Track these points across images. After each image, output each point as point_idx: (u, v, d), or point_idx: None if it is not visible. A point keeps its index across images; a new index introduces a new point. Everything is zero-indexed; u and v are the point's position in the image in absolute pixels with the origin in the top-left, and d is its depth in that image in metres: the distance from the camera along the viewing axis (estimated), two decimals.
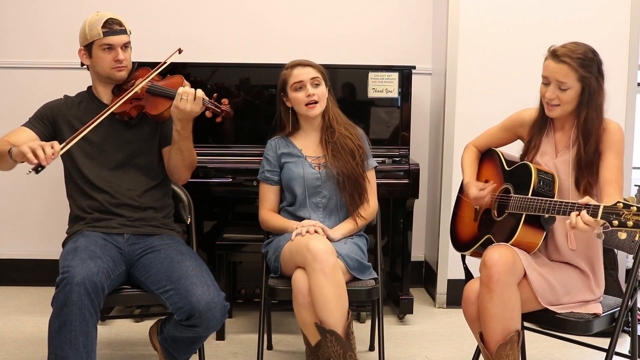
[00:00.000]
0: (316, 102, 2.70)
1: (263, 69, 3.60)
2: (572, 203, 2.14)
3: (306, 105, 2.69)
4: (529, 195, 2.31)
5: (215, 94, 2.54)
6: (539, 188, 2.33)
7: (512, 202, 2.36)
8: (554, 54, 2.34)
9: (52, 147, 2.25)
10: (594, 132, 2.34)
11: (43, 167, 2.25)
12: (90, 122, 2.45)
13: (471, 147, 2.70)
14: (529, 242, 2.33)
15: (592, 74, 2.32)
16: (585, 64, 2.32)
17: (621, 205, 2.00)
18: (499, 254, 2.25)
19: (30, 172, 2.26)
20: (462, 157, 2.69)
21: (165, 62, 2.61)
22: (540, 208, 2.24)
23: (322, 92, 2.72)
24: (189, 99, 2.44)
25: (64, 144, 2.38)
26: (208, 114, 2.51)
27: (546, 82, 2.37)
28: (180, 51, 2.61)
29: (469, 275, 2.64)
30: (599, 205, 2.05)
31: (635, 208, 1.97)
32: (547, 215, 2.24)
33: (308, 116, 2.73)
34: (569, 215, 2.12)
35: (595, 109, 2.34)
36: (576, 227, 2.08)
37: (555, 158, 2.43)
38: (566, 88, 2.32)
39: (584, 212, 2.07)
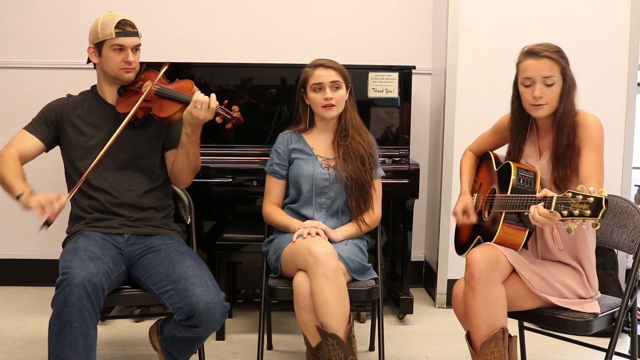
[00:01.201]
0: (333, 105, 2.70)
1: (263, 69, 3.60)
2: (532, 197, 2.17)
3: (323, 107, 2.70)
4: (508, 193, 2.33)
5: (226, 101, 2.56)
6: (518, 185, 2.35)
7: (495, 202, 2.39)
8: (531, 53, 2.35)
9: (59, 199, 2.28)
10: (568, 124, 2.34)
11: (52, 222, 2.30)
12: (105, 148, 2.47)
13: (468, 152, 2.74)
14: (512, 240, 2.35)
15: (568, 65, 2.35)
16: (562, 55, 2.35)
17: (570, 194, 2.00)
18: (480, 252, 2.28)
19: (40, 229, 2.30)
20: (460, 163, 2.73)
21: (163, 66, 2.61)
22: (512, 205, 2.26)
23: (340, 95, 2.71)
24: (203, 107, 2.45)
25: (70, 192, 2.44)
26: (218, 119, 2.53)
27: (529, 83, 2.36)
28: (168, 65, 2.64)
29: None
30: (553, 197, 2.06)
31: (580, 197, 1.98)
32: (525, 212, 2.25)
33: (324, 117, 2.74)
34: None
35: (570, 101, 2.35)
36: (534, 220, 2.10)
37: (539, 159, 2.44)
38: (552, 83, 2.33)
39: (540, 204, 2.09)
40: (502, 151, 2.66)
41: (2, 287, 3.97)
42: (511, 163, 2.41)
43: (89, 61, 2.63)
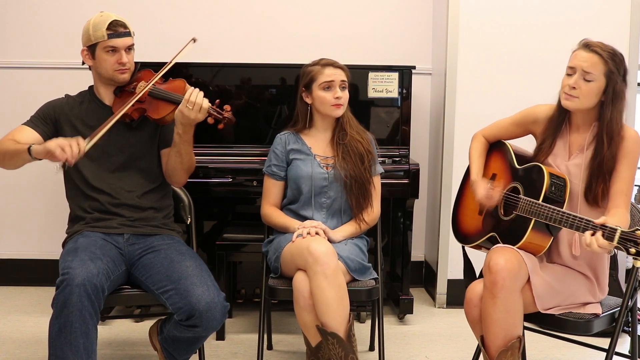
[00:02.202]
0: (341, 104, 2.71)
1: (263, 69, 3.60)
2: (587, 220, 2.11)
3: (332, 105, 2.70)
4: (540, 201, 2.27)
5: (217, 100, 2.54)
6: (550, 194, 2.29)
7: (522, 205, 2.32)
8: (585, 45, 2.31)
9: (78, 144, 2.28)
10: (616, 135, 2.30)
11: (70, 165, 2.29)
12: (101, 127, 2.44)
13: (480, 137, 2.64)
14: (536, 246, 2.31)
15: (619, 74, 2.29)
16: (615, 60, 2.29)
17: (639, 232, 1.97)
18: (505, 259, 2.22)
19: (58, 169, 2.29)
20: (470, 147, 2.64)
21: (175, 57, 2.60)
22: (552, 218, 2.20)
23: (347, 96, 2.73)
24: (194, 108, 2.44)
25: (87, 140, 2.38)
26: (210, 120, 2.52)
27: (571, 72, 2.31)
28: (194, 40, 2.61)
29: (468, 269, 2.63)
30: (616, 229, 2.01)
31: None
32: (562, 227, 2.21)
33: (329, 115, 2.73)
34: (582, 232, 2.10)
35: (620, 112, 2.31)
36: (590, 248, 2.06)
37: (568, 160, 2.40)
38: (590, 79, 2.27)
39: (599, 234, 2.04)
40: (515, 141, 2.62)
41: (2, 287, 3.97)
42: (543, 167, 2.34)
43: (83, 63, 2.63)
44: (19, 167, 2.47)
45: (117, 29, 2.52)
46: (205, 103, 2.45)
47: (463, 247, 2.64)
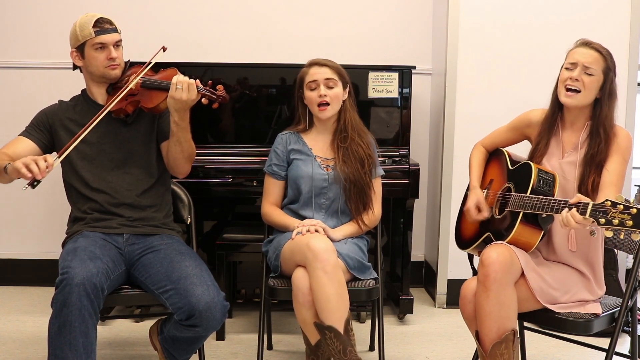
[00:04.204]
0: (327, 104, 2.69)
1: (263, 69, 3.60)
2: (564, 201, 2.16)
3: (318, 106, 2.69)
4: (528, 194, 2.32)
5: (210, 81, 2.54)
6: (538, 187, 2.34)
7: (512, 201, 2.37)
8: (584, 43, 2.38)
9: (46, 161, 2.24)
10: (610, 131, 2.35)
11: (39, 182, 2.23)
12: (86, 126, 2.44)
13: (479, 147, 2.70)
14: (526, 241, 2.34)
15: (613, 73, 2.37)
16: (611, 58, 2.37)
17: (609, 203, 2.02)
18: (497, 252, 2.26)
19: (26, 187, 2.24)
20: (470, 157, 2.70)
21: (150, 62, 2.60)
22: (534, 206, 2.25)
23: (335, 94, 2.70)
24: (183, 87, 2.44)
25: (58, 154, 2.36)
26: (204, 101, 2.51)
27: (571, 67, 2.37)
28: (164, 49, 2.60)
29: (475, 274, 2.65)
30: (588, 203, 2.07)
31: (621, 206, 1.99)
32: (544, 214, 2.25)
33: (319, 118, 2.74)
34: (560, 213, 2.15)
35: (613, 109, 2.37)
36: (567, 225, 2.11)
37: (562, 159, 2.43)
38: (591, 74, 2.34)
39: (574, 210, 2.10)
40: (513, 149, 2.65)
41: (2, 287, 3.97)
42: (531, 163, 2.40)
43: (75, 67, 2.63)
44: (7, 183, 2.43)
45: (103, 25, 2.54)
46: (192, 80, 2.45)
47: (470, 255, 2.69)
